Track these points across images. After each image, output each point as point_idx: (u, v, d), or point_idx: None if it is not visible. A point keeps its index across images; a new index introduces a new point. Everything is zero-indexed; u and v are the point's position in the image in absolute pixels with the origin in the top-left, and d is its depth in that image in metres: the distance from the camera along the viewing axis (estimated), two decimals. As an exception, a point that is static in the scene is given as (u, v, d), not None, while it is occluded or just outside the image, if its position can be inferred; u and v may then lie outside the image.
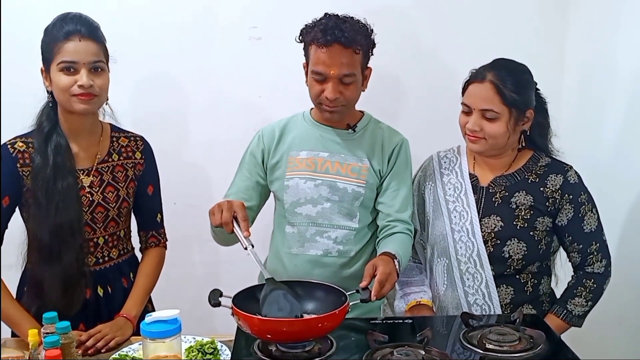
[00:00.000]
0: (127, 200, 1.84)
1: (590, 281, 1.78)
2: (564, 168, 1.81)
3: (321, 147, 1.87)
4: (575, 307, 1.76)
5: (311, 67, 1.77)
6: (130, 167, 1.85)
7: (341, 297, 1.55)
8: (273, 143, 1.90)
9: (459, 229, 1.82)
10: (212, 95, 2.45)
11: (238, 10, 2.41)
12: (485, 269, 1.77)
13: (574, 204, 1.77)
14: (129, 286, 1.87)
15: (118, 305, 1.82)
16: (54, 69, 1.68)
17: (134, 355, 1.58)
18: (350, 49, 1.73)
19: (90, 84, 1.67)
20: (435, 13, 2.46)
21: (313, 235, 1.85)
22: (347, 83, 1.76)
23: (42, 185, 1.69)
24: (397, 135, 1.92)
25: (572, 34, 2.44)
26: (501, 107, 1.72)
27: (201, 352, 1.55)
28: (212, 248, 2.50)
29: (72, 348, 1.45)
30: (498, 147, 1.78)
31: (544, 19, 2.46)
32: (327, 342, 1.54)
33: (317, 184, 1.84)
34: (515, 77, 1.74)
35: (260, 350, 1.51)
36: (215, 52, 2.42)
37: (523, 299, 1.79)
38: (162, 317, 1.39)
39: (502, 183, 1.82)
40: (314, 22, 1.78)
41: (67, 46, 1.66)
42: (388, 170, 1.87)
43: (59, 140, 1.72)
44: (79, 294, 1.74)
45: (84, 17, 1.72)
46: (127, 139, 1.88)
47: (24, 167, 1.71)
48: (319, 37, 1.72)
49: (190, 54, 2.41)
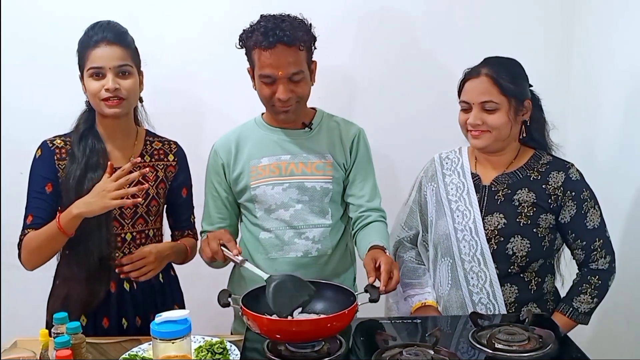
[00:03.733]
0: (157, 199, 1.88)
1: (595, 278, 1.77)
2: (565, 165, 1.81)
3: (281, 151, 1.87)
4: (581, 304, 1.76)
5: (258, 72, 1.76)
6: (161, 169, 1.91)
7: (350, 297, 1.55)
8: (231, 156, 1.90)
9: (462, 228, 1.82)
10: (225, 98, 2.46)
11: (248, 13, 2.41)
12: (489, 267, 1.77)
13: (577, 201, 1.77)
14: (157, 283, 1.90)
15: (143, 301, 1.87)
16: (86, 76, 1.77)
17: (144, 355, 1.59)
18: (294, 47, 1.73)
19: (116, 87, 1.74)
20: (436, 13, 2.46)
21: (292, 238, 1.86)
22: (297, 81, 1.76)
23: (72, 180, 1.76)
24: (353, 127, 1.93)
25: (576, 32, 2.44)
26: (500, 98, 1.74)
27: (210, 352, 1.55)
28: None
29: (83, 348, 1.46)
30: (501, 138, 1.78)
31: (549, 20, 2.45)
32: (336, 342, 1.54)
33: (285, 187, 1.85)
34: (509, 69, 1.77)
35: (269, 350, 1.52)
36: (229, 52, 2.42)
37: (527, 297, 1.79)
38: (172, 317, 1.40)
39: (504, 181, 1.82)
40: (252, 25, 1.78)
41: (95, 52, 1.75)
42: (351, 162, 1.90)
43: (93, 140, 1.81)
44: (102, 287, 1.79)
45: (112, 23, 1.81)
46: (161, 143, 1.95)
47: (60, 162, 1.80)
48: (261, 40, 1.72)
49: (205, 53, 2.43)
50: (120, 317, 1.83)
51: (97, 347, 1.66)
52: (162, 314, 1.41)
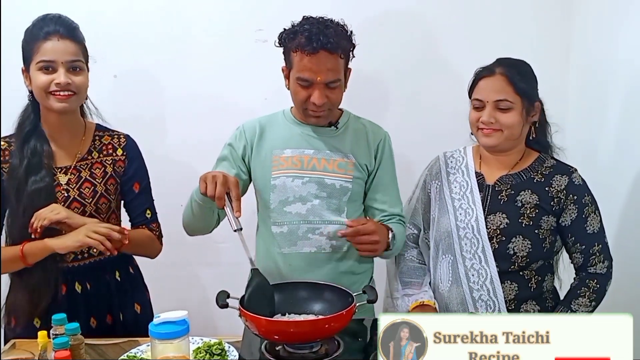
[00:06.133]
0: (106, 196, 1.82)
1: (594, 282, 1.78)
2: (569, 170, 1.82)
3: (305, 145, 1.87)
4: (579, 307, 1.77)
5: (296, 74, 1.76)
6: (110, 164, 1.85)
7: (348, 298, 1.56)
8: (255, 138, 1.89)
9: (464, 225, 1.83)
10: (218, 97, 2.46)
11: (244, 12, 2.42)
12: (490, 265, 1.78)
13: (578, 205, 1.78)
14: (115, 284, 1.85)
15: (98, 302, 1.82)
16: (33, 68, 1.71)
17: (142, 356, 1.59)
18: (336, 55, 1.73)
19: (68, 82, 1.70)
20: (437, 15, 2.46)
21: (305, 233, 1.85)
22: (333, 87, 1.77)
23: (13, 184, 1.72)
24: (379, 129, 1.93)
25: (576, 32, 2.44)
26: (514, 97, 1.75)
27: (209, 353, 1.55)
28: (218, 249, 2.53)
29: (81, 349, 1.46)
30: (513, 138, 1.80)
31: (548, 17, 2.46)
32: (334, 343, 1.54)
33: (305, 181, 1.84)
34: (522, 70, 1.80)
35: (267, 351, 1.52)
36: (221, 54, 2.43)
37: (527, 295, 1.80)
38: (170, 318, 1.40)
39: (508, 181, 1.83)
40: (295, 27, 1.77)
41: (46, 45, 1.70)
42: (376, 165, 1.89)
43: (37, 142, 1.75)
44: (47, 290, 1.73)
45: (63, 17, 1.75)
46: (110, 137, 1.88)
47: (4, 164, 1.75)
48: (305, 44, 1.71)
49: (196, 56, 2.43)
50: (73, 318, 1.69)
51: (96, 348, 1.65)
52: (161, 315, 1.42)
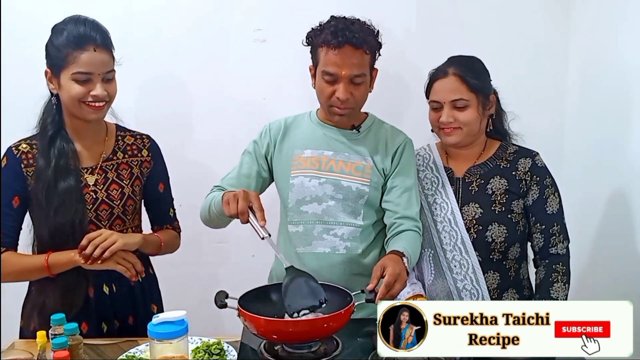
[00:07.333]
0: (133, 197, 1.83)
1: (559, 265, 1.84)
2: (531, 153, 1.90)
3: (325, 146, 1.88)
4: (557, 292, 1.81)
5: (322, 68, 1.77)
6: (136, 165, 1.85)
7: (346, 298, 1.56)
8: (278, 136, 1.91)
9: (441, 219, 1.88)
10: (217, 96, 2.46)
11: (243, 12, 2.42)
12: (471, 255, 1.83)
13: (540, 186, 1.85)
14: (136, 284, 1.84)
15: (124, 304, 1.83)
16: (66, 77, 1.68)
17: (141, 356, 1.59)
18: (361, 50, 1.75)
19: (105, 94, 1.70)
20: (439, 14, 2.46)
21: (320, 233, 1.85)
22: (358, 83, 1.77)
23: (43, 186, 1.70)
24: (400, 135, 1.93)
25: (576, 32, 2.44)
26: (469, 95, 1.82)
27: (208, 353, 1.55)
28: (217, 249, 2.53)
29: (80, 349, 1.46)
30: (473, 133, 1.86)
31: (547, 16, 2.46)
32: (333, 343, 1.55)
33: (322, 182, 1.85)
34: (473, 67, 1.86)
35: (266, 351, 1.52)
36: (220, 54, 2.43)
37: (507, 284, 1.86)
38: (169, 318, 1.40)
39: (476, 172, 1.89)
40: (322, 25, 1.79)
41: (83, 57, 1.67)
42: (392, 169, 1.88)
43: (63, 143, 1.74)
44: (80, 292, 1.74)
45: (96, 23, 1.72)
46: (133, 137, 1.88)
47: (28, 168, 1.73)
48: (330, 39, 1.73)
49: (195, 56, 2.42)
50: (100, 321, 1.78)
51: (95, 349, 1.65)
52: (160, 315, 1.42)
